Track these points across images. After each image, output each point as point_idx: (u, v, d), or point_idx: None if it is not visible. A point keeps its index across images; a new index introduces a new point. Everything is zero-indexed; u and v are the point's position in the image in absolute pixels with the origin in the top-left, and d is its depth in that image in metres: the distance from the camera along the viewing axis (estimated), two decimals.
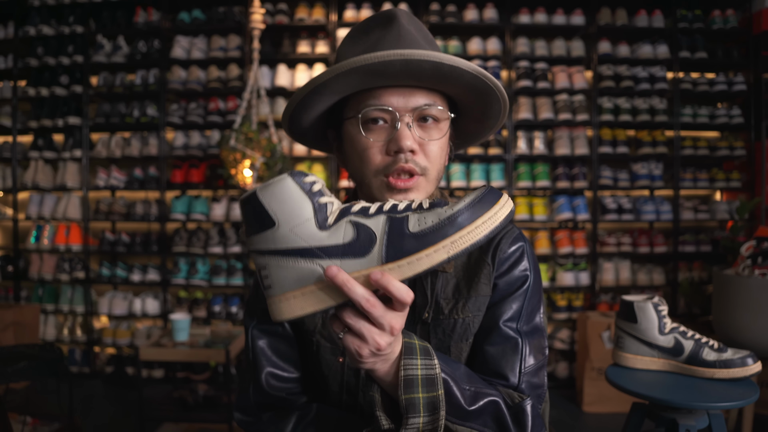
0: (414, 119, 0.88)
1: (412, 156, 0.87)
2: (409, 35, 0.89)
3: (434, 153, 0.89)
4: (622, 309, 1.52)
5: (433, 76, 0.85)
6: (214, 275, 3.94)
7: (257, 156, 3.27)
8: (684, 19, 3.99)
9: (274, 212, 0.64)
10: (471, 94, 0.91)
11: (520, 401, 0.85)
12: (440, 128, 0.90)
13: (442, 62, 0.81)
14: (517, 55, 3.96)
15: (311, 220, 0.64)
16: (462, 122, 1.00)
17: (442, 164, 0.93)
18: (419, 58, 0.80)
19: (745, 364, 1.38)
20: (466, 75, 0.85)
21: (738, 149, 3.96)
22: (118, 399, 3.69)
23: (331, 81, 0.85)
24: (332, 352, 0.95)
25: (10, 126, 4.16)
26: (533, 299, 0.96)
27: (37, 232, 4.13)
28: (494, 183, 3.89)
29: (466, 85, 0.88)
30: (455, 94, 0.92)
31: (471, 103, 0.94)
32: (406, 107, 0.87)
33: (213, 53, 3.99)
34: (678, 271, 3.98)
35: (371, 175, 0.90)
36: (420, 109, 0.88)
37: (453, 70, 0.83)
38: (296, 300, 0.65)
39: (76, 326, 4.12)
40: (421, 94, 0.88)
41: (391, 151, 0.87)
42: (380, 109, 0.87)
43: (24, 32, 4.10)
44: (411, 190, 0.89)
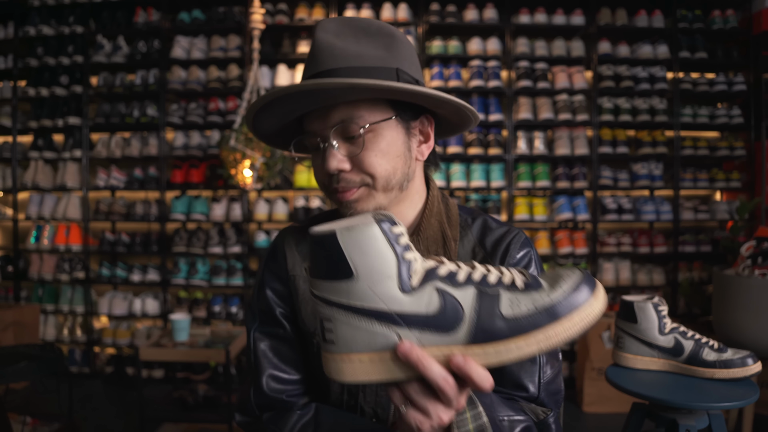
0: (339, 137, 0.86)
1: (344, 174, 0.86)
2: (323, 49, 0.86)
3: (372, 163, 0.85)
4: (622, 309, 1.52)
5: (342, 93, 0.82)
6: (214, 275, 3.94)
7: (257, 156, 3.27)
8: (684, 19, 3.99)
9: (353, 262, 0.57)
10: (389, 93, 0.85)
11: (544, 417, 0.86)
12: (374, 135, 0.86)
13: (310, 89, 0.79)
14: (517, 55, 3.96)
15: (393, 279, 0.57)
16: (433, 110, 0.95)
17: (393, 169, 0.88)
18: (296, 90, 0.79)
19: (745, 365, 1.37)
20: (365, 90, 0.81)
21: (738, 149, 3.96)
22: (118, 399, 3.69)
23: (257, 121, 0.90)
24: None
25: (10, 126, 4.16)
26: None
27: (37, 232, 4.13)
28: (494, 183, 3.89)
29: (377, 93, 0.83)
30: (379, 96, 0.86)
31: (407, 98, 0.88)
32: (325, 128, 0.86)
33: (213, 53, 3.99)
34: (678, 271, 3.98)
35: (325, 191, 0.92)
36: (338, 126, 0.85)
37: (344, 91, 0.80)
38: (362, 365, 0.58)
39: (76, 326, 4.12)
40: (339, 111, 0.85)
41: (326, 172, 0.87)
42: (308, 134, 0.89)
43: (24, 32, 4.10)
44: (358, 201, 0.88)
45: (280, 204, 3.95)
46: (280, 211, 3.93)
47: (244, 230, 3.96)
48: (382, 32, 0.89)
